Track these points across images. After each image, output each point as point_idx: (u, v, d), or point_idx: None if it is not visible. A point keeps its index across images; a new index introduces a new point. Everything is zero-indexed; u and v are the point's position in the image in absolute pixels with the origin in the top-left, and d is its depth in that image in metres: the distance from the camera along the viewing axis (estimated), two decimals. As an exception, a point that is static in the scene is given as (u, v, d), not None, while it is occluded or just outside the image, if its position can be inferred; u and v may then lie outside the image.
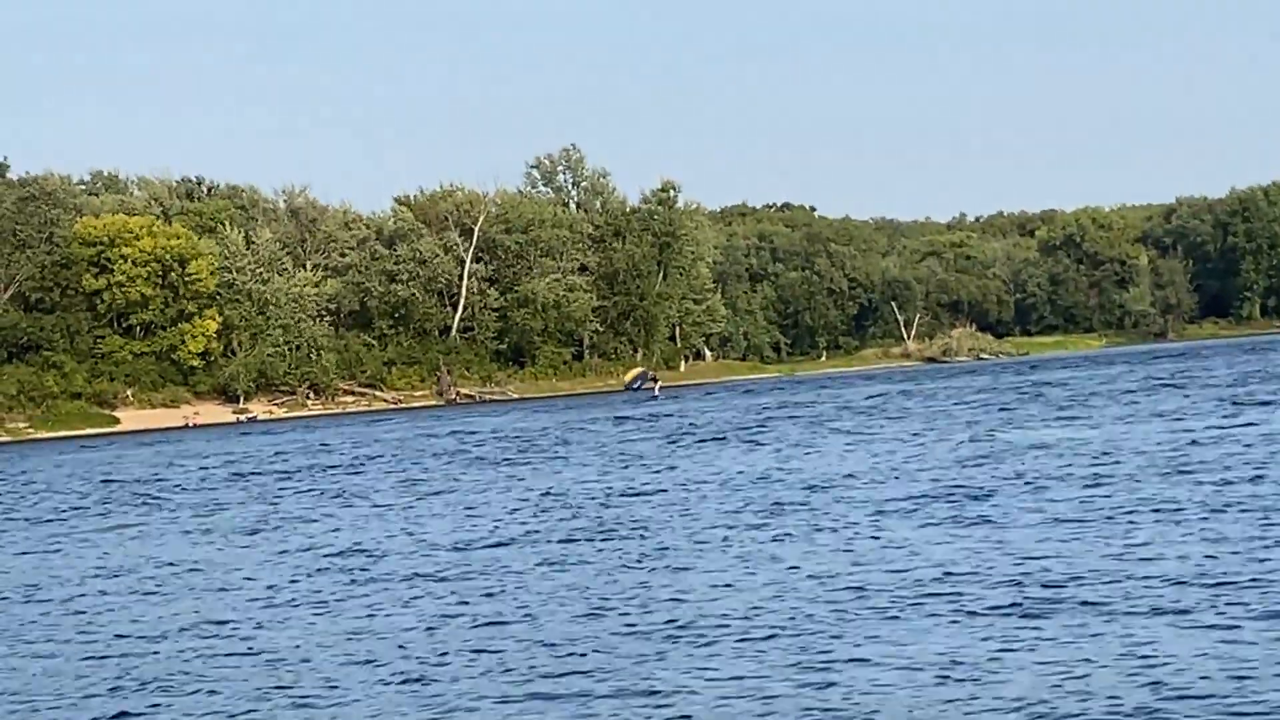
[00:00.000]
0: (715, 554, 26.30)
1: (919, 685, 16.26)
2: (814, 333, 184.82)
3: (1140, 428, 45.59)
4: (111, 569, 30.76)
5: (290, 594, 25.65)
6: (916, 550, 24.88)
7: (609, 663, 18.34)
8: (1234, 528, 24.56)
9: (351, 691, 17.95)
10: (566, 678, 17.72)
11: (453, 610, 22.70)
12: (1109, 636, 17.70)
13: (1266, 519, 25.19)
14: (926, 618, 19.51)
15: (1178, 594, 19.66)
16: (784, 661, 17.73)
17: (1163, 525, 25.46)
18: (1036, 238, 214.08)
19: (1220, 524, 25.07)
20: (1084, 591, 20.29)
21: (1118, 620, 18.47)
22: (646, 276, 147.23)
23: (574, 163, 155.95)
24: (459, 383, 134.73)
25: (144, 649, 21.56)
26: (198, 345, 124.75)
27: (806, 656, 17.88)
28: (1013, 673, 16.44)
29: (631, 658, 18.53)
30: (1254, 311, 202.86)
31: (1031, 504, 29.48)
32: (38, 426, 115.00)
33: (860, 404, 75.74)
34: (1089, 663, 16.60)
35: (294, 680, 18.79)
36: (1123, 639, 17.51)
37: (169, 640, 22.09)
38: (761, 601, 21.41)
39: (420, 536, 32.13)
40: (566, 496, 38.11)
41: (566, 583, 24.45)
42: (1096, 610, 19.08)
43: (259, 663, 19.99)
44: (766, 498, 34.25)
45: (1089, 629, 18.15)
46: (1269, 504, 26.80)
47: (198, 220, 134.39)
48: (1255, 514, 25.80)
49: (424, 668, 18.86)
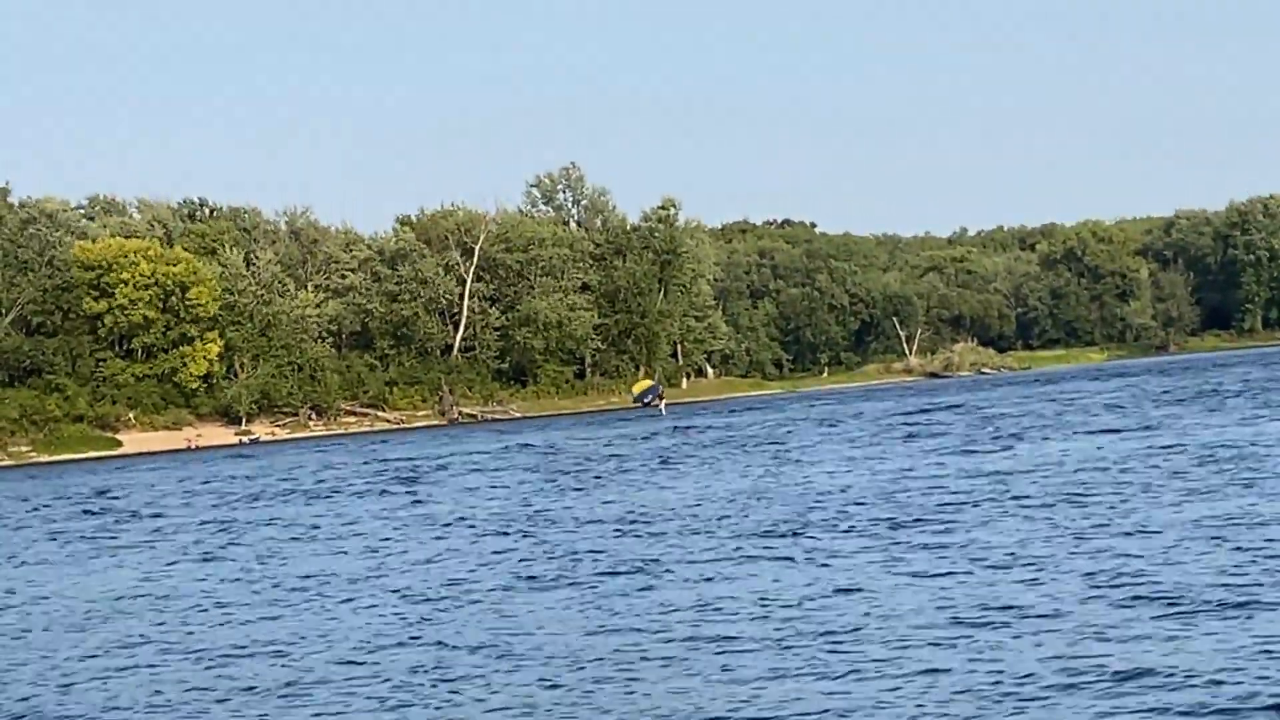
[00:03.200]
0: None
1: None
2: (816, 349, 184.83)
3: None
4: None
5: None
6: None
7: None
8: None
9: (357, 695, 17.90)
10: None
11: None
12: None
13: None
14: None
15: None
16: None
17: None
18: (1037, 251, 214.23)
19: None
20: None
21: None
22: (648, 294, 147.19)
23: (574, 181, 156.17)
24: (461, 402, 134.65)
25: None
26: (199, 368, 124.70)
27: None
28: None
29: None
30: (1256, 324, 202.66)
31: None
32: (40, 450, 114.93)
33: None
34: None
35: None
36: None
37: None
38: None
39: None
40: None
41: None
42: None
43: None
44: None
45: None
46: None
47: (200, 242, 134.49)
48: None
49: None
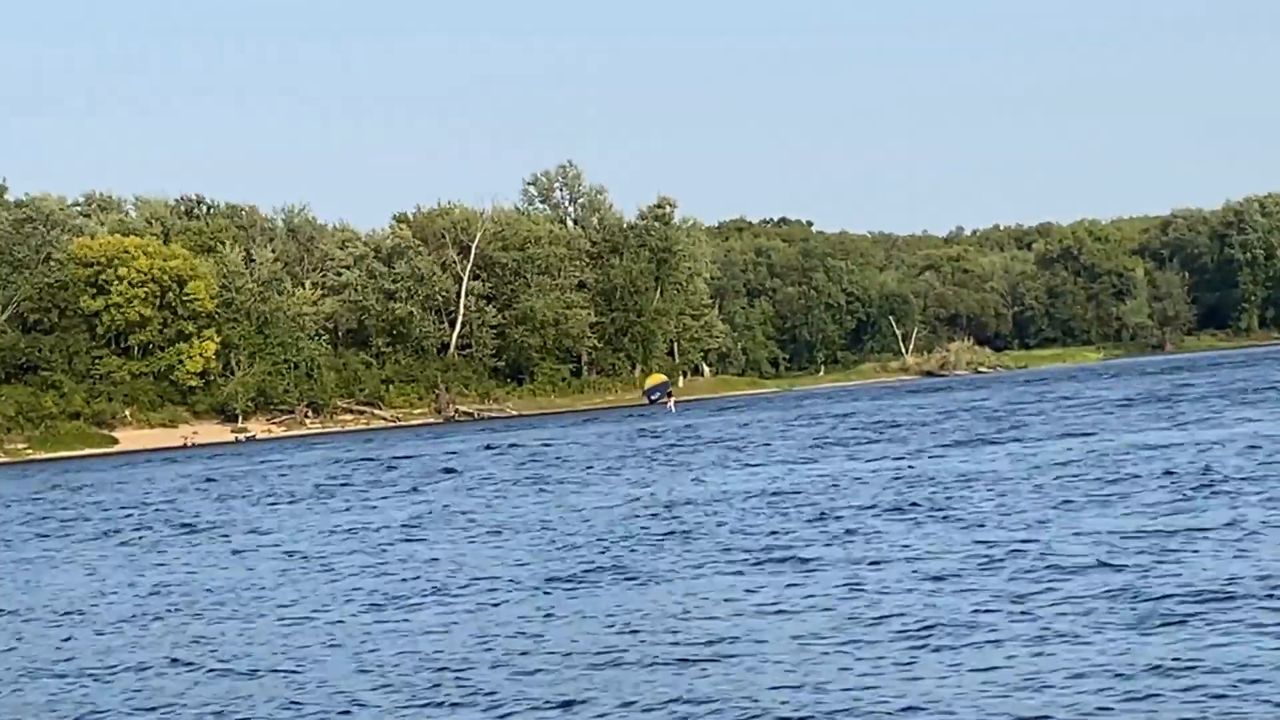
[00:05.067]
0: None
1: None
2: (812, 348, 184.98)
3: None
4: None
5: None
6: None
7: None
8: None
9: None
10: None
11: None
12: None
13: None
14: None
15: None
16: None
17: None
18: (1034, 251, 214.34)
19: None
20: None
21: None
22: (644, 292, 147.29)
23: (571, 179, 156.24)
24: (457, 400, 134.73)
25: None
26: (196, 365, 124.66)
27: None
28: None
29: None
30: (1252, 323, 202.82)
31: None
32: (36, 447, 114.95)
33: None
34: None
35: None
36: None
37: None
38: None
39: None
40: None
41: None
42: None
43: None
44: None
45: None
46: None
47: (198, 239, 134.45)
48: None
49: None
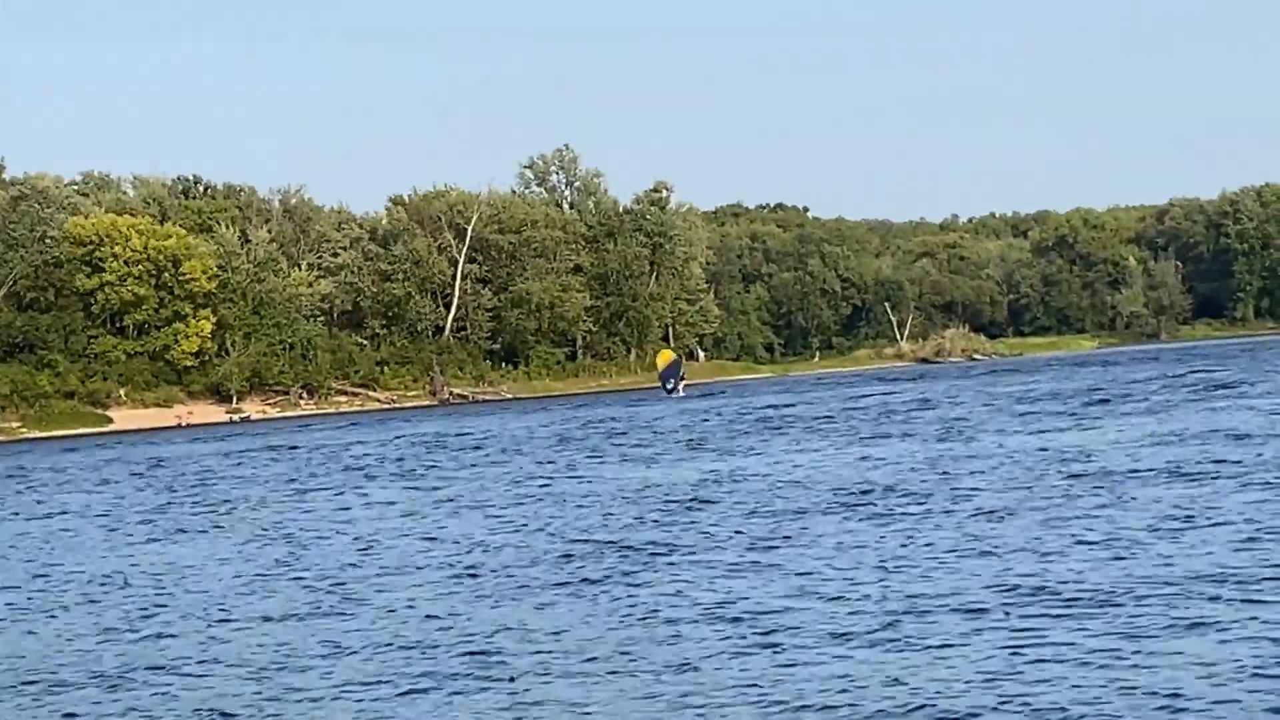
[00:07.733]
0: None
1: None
2: (807, 333, 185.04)
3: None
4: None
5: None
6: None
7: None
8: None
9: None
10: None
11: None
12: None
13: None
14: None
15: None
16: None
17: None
18: (1030, 238, 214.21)
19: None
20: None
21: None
22: (639, 277, 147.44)
23: (567, 163, 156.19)
24: (452, 383, 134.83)
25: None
26: (191, 345, 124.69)
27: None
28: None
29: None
30: (1248, 313, 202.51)
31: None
32: (30, 426, 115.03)
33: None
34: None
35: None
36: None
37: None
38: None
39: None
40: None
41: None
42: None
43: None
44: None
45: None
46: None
47: (195, 219, 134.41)
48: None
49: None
